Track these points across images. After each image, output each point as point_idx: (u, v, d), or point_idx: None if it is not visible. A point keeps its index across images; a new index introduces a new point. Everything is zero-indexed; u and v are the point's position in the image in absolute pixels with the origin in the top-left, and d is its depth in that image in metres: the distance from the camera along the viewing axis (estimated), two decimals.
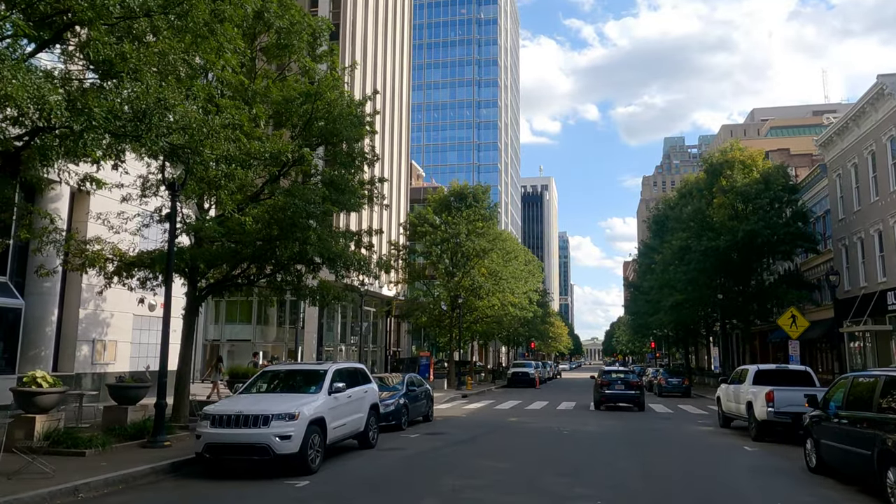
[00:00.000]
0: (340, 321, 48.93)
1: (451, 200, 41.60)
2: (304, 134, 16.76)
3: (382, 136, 52.73)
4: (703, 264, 36.72)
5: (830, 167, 39.54)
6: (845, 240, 37.38)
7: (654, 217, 48.63)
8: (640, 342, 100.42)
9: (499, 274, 41.09)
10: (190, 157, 9.05)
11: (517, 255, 51.64)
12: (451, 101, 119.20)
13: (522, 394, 37.31)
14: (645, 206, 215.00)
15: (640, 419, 20.75)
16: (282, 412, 10.28)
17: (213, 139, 8.89)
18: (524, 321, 58.05)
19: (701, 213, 37.23)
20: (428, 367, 40.59)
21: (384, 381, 19.17)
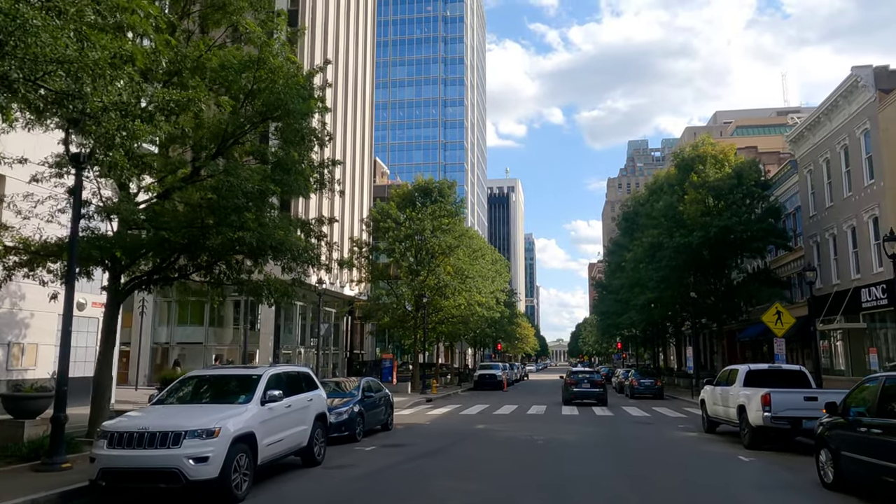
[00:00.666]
0: (300, 323, 46.59)
1: (415, 195, 39.77)
2: (247, 107, 14.76)
3: (345, 129, 50.63)
4: (675, 261, 35.61)
5: (801, 163, 38.91)
6: (817, 236, 36.72)
7: (623, 214, 47.56)
8: (607, 343, 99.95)
9: (465, 272, 39.39)
10: (72, 104, 7.04)
11: (484, 254, 50.05)
12: (416, 100, 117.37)
13: (490, 397, 35.64)
14: (610, 207, 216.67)
15: (619, 425, 19.22)
16: (198, 428, 8.30)
17: (97, 78, 6.90)
18: (491, 322, 56.48)
19: (673, 208, 36.13)
20: (391, 369, 38.65)
21: (339, 386, 17.25)
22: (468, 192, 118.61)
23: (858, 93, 31.41)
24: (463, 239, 39.26)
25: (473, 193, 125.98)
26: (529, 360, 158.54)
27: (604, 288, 58.35)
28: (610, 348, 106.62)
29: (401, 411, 24.81)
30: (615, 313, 50.67)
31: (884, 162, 29.48)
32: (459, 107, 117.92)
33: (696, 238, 34.20)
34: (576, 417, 21.91)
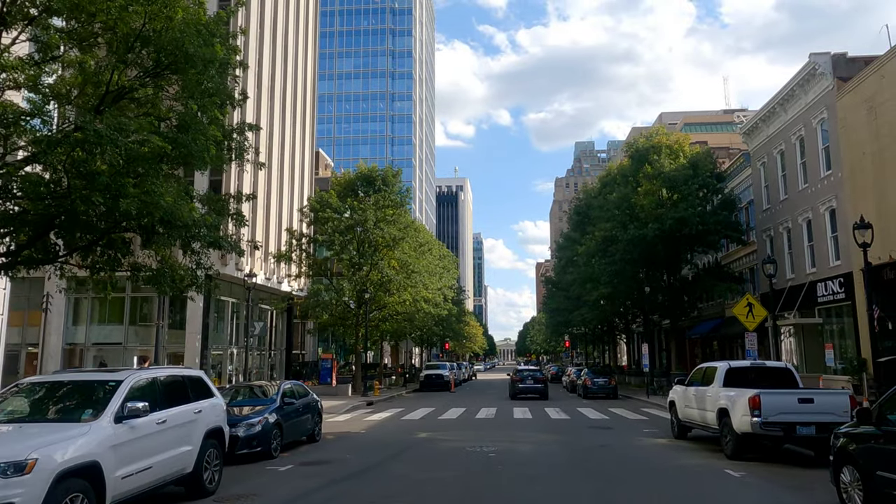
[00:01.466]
0: (233, 321, 43.23)
1: (357, 184, 37.12)
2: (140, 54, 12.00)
3: (283, 114, 47.41)
4: (629, 255, 34.15)
5: (754, 156, 38.13)
6: (770, 230, 35.93)
7: (575, 208, 46.09)
8: (555, 341, 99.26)
9: (410, 267, 36.99)
10: None
11: (431, 248, 47.76)
12: (363, 93, 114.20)
13: (436, 399, 33.36)
14: (558, 207, 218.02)
15: (578, 431, 17.19)
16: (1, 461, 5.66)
17: None
18: (438, 319, 54.24)
19: (627, 200, 34.66)
20: (330, 370, 35.93)
21: (254, 391, 14.60)
22: (416, 189, 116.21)
23: (816, 81, 30.54)
24: (408, 231, 36.85)
25: (422, 190, 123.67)
26: (478, 360, 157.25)
27: (553, 285, 56.92)
28: (558, 347, 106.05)
29: (335, 417, 22.23)
30: (566, 310, 49.17)
31: (842, 152, 28.61)
32: (407, 101, 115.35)
33: (651, 230, 32.79)
34: (529, 422, 19.82)
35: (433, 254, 50.94)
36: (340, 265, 36.97)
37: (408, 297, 36.08)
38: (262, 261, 41.93)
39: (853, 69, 28.96)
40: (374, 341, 45.53)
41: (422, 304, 37.41)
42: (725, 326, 43.09)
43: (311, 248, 36.93)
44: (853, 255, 28.00)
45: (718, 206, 34.46)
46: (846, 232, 28.54)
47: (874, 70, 26.26)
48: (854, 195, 27.67)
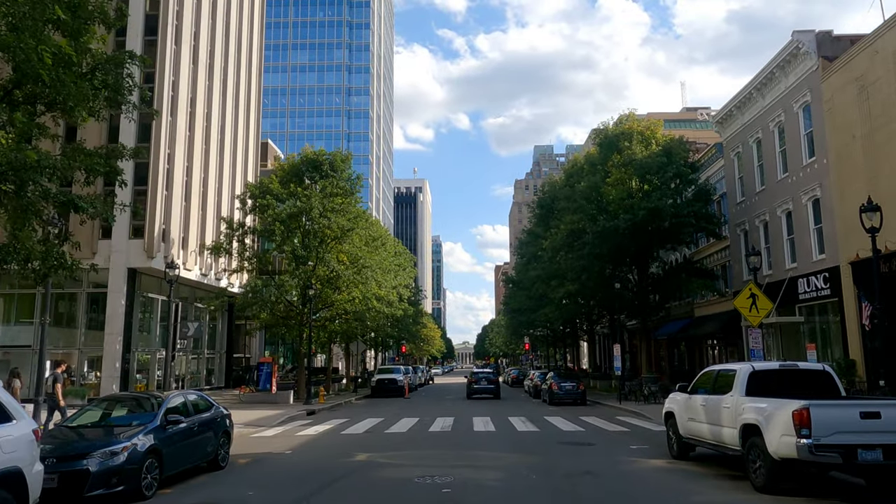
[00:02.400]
0: (164, 321, 39.01)
1: (302, 169, 33.53)
2: None
3: (224, 98, 43.42)
4: (598, 249, 31.54)
5: (728, 146, 36.08)
6: (745, 224, 33.84)
7: (539, 201, 43.42)
8: (515, 343, 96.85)
9: (361, 261, 33.59)
10: None
11: (385, 243, 44.41)
12: (319, 86, 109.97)
13: (388, 406, 30.07)
14: (517, 209, 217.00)
15: (553, 449, 14.14)
16: None
17: None
18: (393, 320, 50.87)
19: (596, 190, 32.06)
20: (270, 375, 32.21)
21: (131, 405, 11.08)
22: (373, 187, 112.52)
23: (798, 62, 28.45)
24: (358, 221, 33.46)
25: (379, 189, 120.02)
26: (436, 363, 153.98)
27: (514, 284, 54.16)
28: (517, 349, 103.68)
29: (262, 432, 18.75)
30: (528, 310, 46.44)
31: (827, 136, 26.51)
32: (365, 96, 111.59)
33: (623, 222, 30.23)
34: (493, 437, 16.72)
35: (387, 250, 47.61)
36: (282, 257, 33.34)
37: (357, 294, 32.68)
38: (196, 254, 37.84)
39: (839, 48, 26.92)
40: (321, 343, 41.91)
41: (373, 303, 34.04)
42: (694, 327, 41.00)
43: (251, 240, 33.13)
44: (841, 248, 25.90)
45: (692, 197, 32.15)
46: (831, 223, 26.46)
47: (866, 45, 24.16)
48: (841, 182, 25.56)
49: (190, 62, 37.79)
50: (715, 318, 38.24)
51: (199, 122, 38.98)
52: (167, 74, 34.50)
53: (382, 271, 41.28)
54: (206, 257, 39.22)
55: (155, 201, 33.39)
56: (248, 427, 19.90)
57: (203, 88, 39.71)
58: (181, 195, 36.30)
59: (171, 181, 34.94)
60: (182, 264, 36.71)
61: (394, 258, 50.33)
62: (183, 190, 36.51)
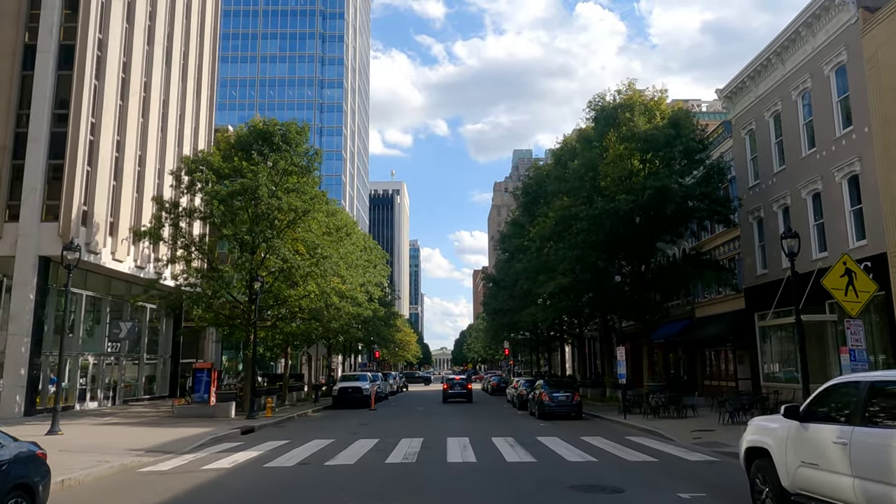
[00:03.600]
0: (95, 320, 33.66)
1: (251, 142, 28.61)
2: None
3: (167, 68, 38.29)
4: (593, 237, 27.09)
5: (738, 124, 31.92)
6: (760, 210, 29.63)
7: (524, 188, 38.74)
8: (494, 349, 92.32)
9: (320, 250, 28.74)
10: None
11: (350, 234, 39.55)
12: (290, 78, 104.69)
13: (346, 420, 25.20)
14: (496, 211, 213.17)
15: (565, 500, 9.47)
16: None
17: None
18: (362, 321, 45.95)
19: (593, 167, 27.62)
20: (208, 384, 27.13)
21: None
22: (346, 184, 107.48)
23: (831, 16, 24.29)
24: (316, 204, 28.55)
25: (353, 187, 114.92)
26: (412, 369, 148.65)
27: (495, 283, 49.56)
28: (497, 355, 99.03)
29: (161, 464, 13.82)
30: (510, 311, 41.83)
31: (870, 99, 22.29)
32: (338, 89, 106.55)
33: (624, 203, 25.81)
34: (475, 473, 11.97)
35: (354, 242, 42.73)
36: (227, 246, 28.37)
37: (313, 288, 27.77)
38: (128, 243, 32.57)
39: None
40: (276, 346, 36.90)
41: (333, 299, 29.14)
42: (695, 329, 36.72)
43: (187, 223, 28.00)
44: (889, 232, 21.69)
45: (704, 175, 27.84)
46: (874, 203, 22.24)
47: None
48: (889, 153, 21.38)
49: (123, 21, 32.63)
50: (721, 318, 34.00)
51: (135, 92, 33.79)
52: (92, 29, 29.33)
53: (347, 265, 36.46)
54: (142, 247, 33.98)
55: (74, 177, 28.16)
56: (148, 455, 14.94)
57: (141, 55, 34.55)
58: (109, 173, 31.08)
59: (95, 155, 29.72)
60: (111, 253, 31.48)
61: (362, 253, 45.48)
62: (112, 167, 31.28)
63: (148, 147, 35.22)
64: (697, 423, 20.40)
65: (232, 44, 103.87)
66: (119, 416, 26.89)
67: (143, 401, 37.54)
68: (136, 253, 33.96)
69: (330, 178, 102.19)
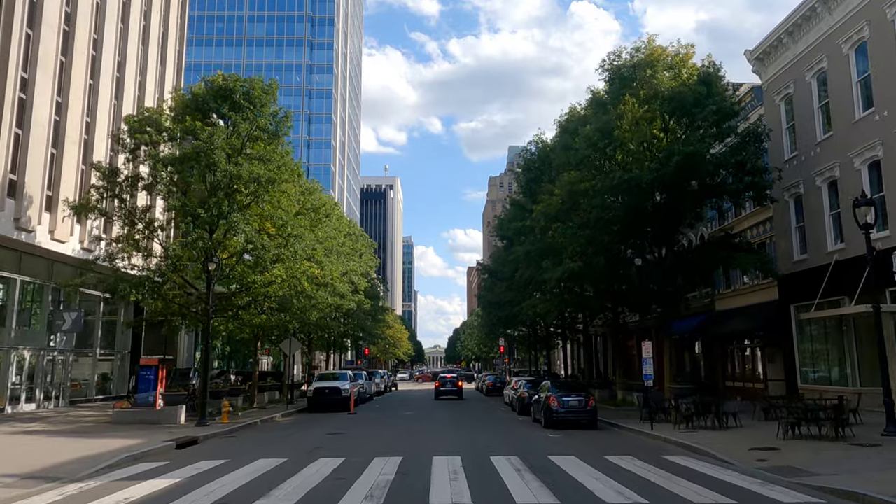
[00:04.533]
0: (32, 311, 29.42)
1: (209, 103, 24.41)
2: None
3: (124, 32, 33.97)
4: (609, 214, 23.06)
5: (770, 89, 27.90)
6: (799, 186, 25.63)
7: (525, 163, 34.52)
8: (488, 346, 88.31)
9: (288, 227, 24.60)
10: None
11: (331, 216, 35.41)
12: (277, 62, 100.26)
13: (314, 429, 21.10)
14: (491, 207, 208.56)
15: None
16: None
17: None
18: (344, 314, 41.84)
19: (608, 133, 23.55)
20: (154, 383, 22.96)
21: None
22: (335, 174, 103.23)
23: None
24: (283, 173, 24.35)
25: (343, 177, 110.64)
26: (404, 367, 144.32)
27: (492, 274, 45.47)
28: (491, 352, 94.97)
29: (30, 499, 9.67)
30: (509, 303, 37.75)
31: None
32: (328, 75, 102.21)
33: (648, 173, 21.79)
34: None
35: (337, 227, 38.60)
36: (176, 221, 24.17)
37: (280, 272, 23.61)
38: (72, 221, 28.33)
39: None
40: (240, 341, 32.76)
41: (304, 285, 25.00)
42: (716, 323, 32.65)
43: (130, 194, 23.71)
44: None
45: (736, 146, 23.82)
46: None
47: None
48: None
49: None
50: (747, 311, 30.00)
51: (82, 49, 29.50)
52: None
53: (326, 251, 32.38)
54: (90, 227, 29.72)
55: None
56: (20, 484, 10.86)
57: (90, 9, 30.26)
58: (47, 139, 26.80)
59: (26, 116, 25.44)
60: (50, 232, 27.20)
61: (346, 239, 41.33)
62: (49, 132, 26.99)
63: (98, 114, 30.95)
64: (747, 436, 16.39)
65: (217, 26, 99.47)
66: (49, 422, 22.68)
67: (96, 402, 33.30)
68: (84, 233, 29.71)
69: (318, 168, 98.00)
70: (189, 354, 44.69)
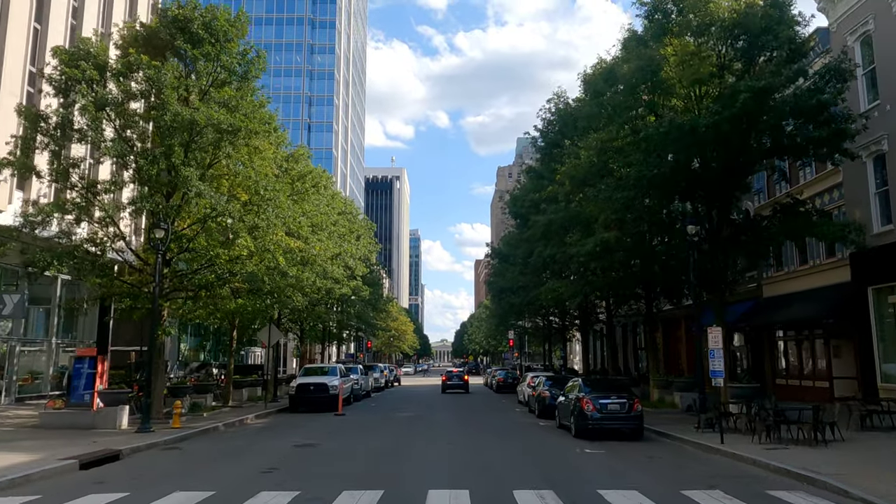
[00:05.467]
0: None
1: (160, 33, 19.92)
2: None
3: None
4: (654, 170, 18.43)
5: (841, 29, 23.14)
6: (882, 143, 20.88)
7: (544, 125, 29.43)
8: (497, 339, 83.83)
9: (259, 189, 20.15)
10: None
11: (319, 186, 30.98)
12: (276, 42, 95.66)
13: (281, 440, 16.68)
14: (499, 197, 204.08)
15: None
16: None
17: None
18: (339, 301, 37.52)
19: (651, 71, 18.91)
20: (91, 379, 18.60)
21: None
22: (338, 160, 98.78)
23: None
24: (252, 121, 19.82)
25: (346, 163, 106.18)
26: (409, 361, 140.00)
27: (503, 258, 40.92)
28: (500, 346, 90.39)
29: None
30: (523, 288, 33.18)
31: None
32: (330, 55, 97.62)
33: (707, 116, 17.18)
34: None
35: (329, 203, 34.17)
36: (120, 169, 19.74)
37: (246, 243, 19.14)
38: (10, 185, 23.98)
39: None
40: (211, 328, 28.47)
41: (278, 260, 20.54)
42: (766, 311, 27.99)
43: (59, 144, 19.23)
44: None
45: (814, 86, 19.10)
46: None
47: None
48: None
49: None
50: (810, 296, 25.28)
51: None
52: None
53: (314, 227, 28.06)
54: (35, 192, 25.29)
55: None
56: None
57: None
58: None
59: None
60: None
61: (340, 217, 36.88)
62: None
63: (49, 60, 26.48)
64: (868, 456, 11.85)
65: (213, 2, 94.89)
66: None
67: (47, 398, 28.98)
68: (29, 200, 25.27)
69: (319, 152, 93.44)
70: (173, 346, 40.31)
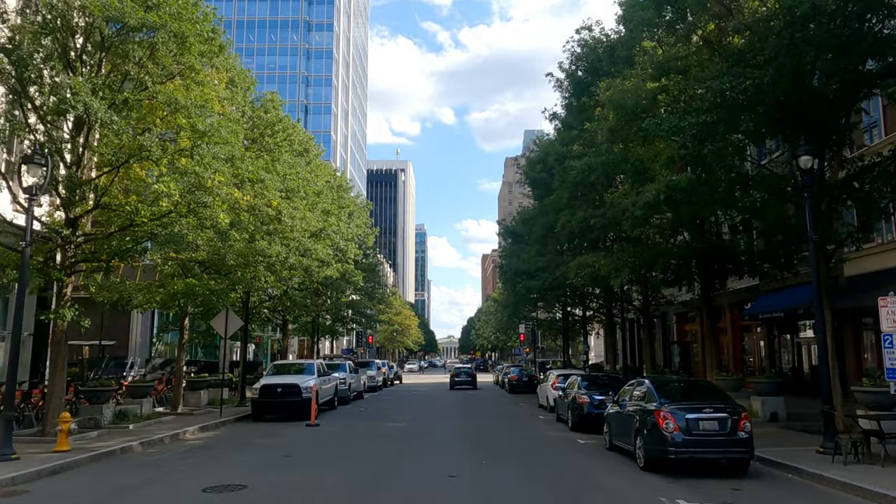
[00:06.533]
0: None
1: None
2: None
3: None
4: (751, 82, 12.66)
5: None
6: None
7: (573, 60, 23.47)
8: (506, 334, 78.11)
9: (195, 122, 14.52)
10: None
11: (290, 137, 25.34)
12: (272, 19, 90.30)
13: (215, 468, 11.24)
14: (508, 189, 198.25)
15: None
16: None
17: None
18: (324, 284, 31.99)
19: None
20: None
21: None
22: (337, 144, 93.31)
23: None
24: (182, 22, 14.20)
25: (346, 148, 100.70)
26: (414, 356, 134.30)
27: (518, 237, 35.19)
28: (510, 341, 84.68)
29: None
30: (543, 269, 27.43)
31: None
32: (328, 32, 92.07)
33: None
34: None
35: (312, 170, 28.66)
36: None
37: (165, 188, 13.52)
38: None
39: None
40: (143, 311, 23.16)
41: (219, 216, 14.95)
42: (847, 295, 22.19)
43: None
44: None
45: None
46: None
47: None
48: None
49: None
50: (870, 278, 19.62)
51: None
52: None
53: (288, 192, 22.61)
54: None
55: None
56: None
57: None
58: None
59: None
60: None
61: (326, 188, 31.25)
62: None
63: None
64: None
65: None
66: None
67: None
68: None
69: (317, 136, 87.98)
70: (144, 340, 34.72)
